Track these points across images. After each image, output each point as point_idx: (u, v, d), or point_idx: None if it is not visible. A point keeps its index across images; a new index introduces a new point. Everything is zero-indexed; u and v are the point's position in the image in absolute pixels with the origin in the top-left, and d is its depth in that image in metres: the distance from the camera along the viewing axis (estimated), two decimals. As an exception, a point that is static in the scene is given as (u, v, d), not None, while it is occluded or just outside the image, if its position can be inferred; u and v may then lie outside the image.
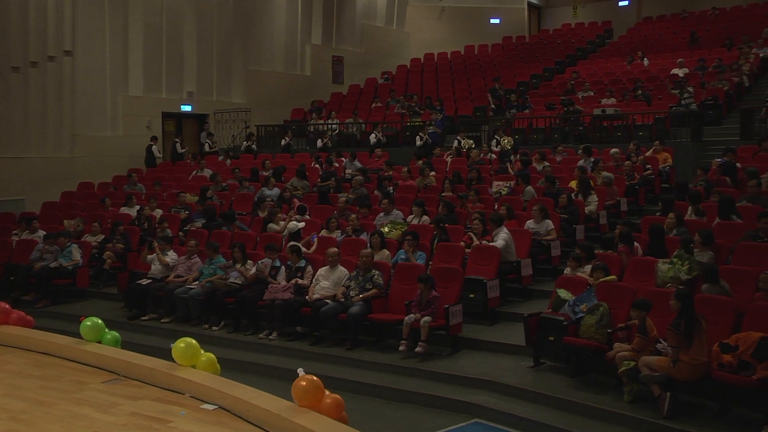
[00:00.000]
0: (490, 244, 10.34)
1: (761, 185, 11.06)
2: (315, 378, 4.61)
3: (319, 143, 19.67)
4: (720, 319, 7.23)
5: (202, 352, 5.57)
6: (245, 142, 20.86)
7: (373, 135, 19.18)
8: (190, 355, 5.47)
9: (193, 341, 5.54)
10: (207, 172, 17.28)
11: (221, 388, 5.00)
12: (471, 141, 17.79)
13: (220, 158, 19.58)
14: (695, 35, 24.53)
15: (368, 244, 10.73)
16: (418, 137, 18.55)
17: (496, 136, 17.41)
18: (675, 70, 20.55)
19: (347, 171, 16.34)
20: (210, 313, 10.86)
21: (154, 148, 19.95)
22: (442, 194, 13.39)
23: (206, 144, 20.79)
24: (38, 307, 12.13)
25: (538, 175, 13.65)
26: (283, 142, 20.38)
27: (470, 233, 10.83)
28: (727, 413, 6.90)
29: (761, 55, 20.66)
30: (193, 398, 5.06)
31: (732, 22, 25.67)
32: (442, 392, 8.18)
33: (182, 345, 5.47)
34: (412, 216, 12.07)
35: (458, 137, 17.78)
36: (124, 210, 14.95)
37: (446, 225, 11.10)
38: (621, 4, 31.91)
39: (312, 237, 11.98)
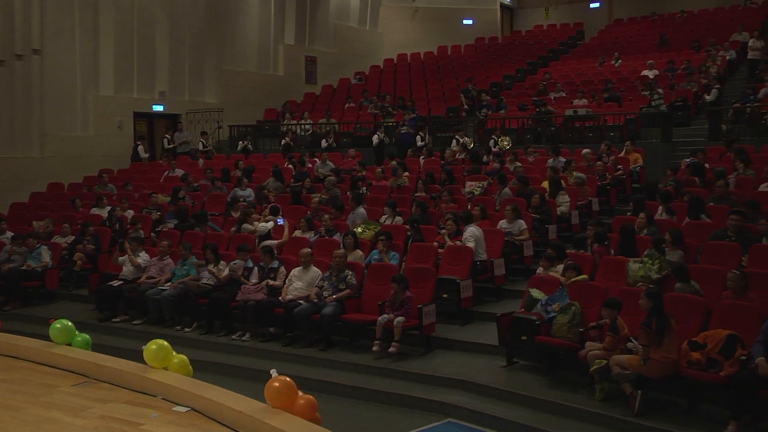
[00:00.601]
0: (461, 244, 10.39)
1: (728, 185, 11.23)
2: (288, 379, 4.59)
3: (324, 143, 19.43)
4: (690, 317, 7.33)
5: (174, 353, 5.52)
6: (241, 142, 20.48)
7: (375, 136, 18.82)
8: (162, 357, 5.41)
9: (165, 343, 5.49)
10: (179, 173, 17.16)
11: (193, 390, 4.95)
12: (469, 139, 17.57)
13: (191, 159, 19.44)
14: (664, 37, 24.85)
15: (341, 245, 10.72)
16: (419, 137, 18.39)
17: (493, 136, 17.28)
18: (645, 72, 20.81)
19: (320, 171, 16.29)
20: (183, 314, 10.80)
21: (140, 148, 19.83)
22: (416, 194, 13.42)
23: (200, 143, 20.60)
24: (7, 310, 11.97)
25: (510, 176, 13.73)
26: (282, 142, 20.05)
27: (443, 233, 10.87)
28: (696, 410, 7.00)
29: (727, 57, 21.00)
30: (165, 400, 5.01)
31: (699, 25, 26.07)
32: (416, 392, 8.20)
33: (154, 347, 5.41)
34: (385, 216, 12.08)
35: (456, 136, 17.47)
36: (94, 211, 14.79)
37: (420, 225, 11.14)
38: (592, 6, 32.24)
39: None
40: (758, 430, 6.47)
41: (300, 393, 4.60)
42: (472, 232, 10.43)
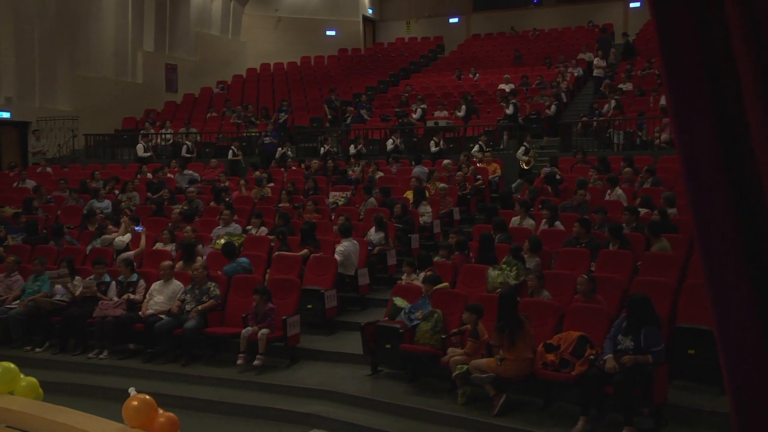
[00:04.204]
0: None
1: (586, 194, 11.84)
2: (147, 397, 4.45)
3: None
4: (544, 320, 7.70)
5: (21, 376, 5.22)
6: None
7: (390, 140, 18.04)
8: (8, 381, 5.11)
9: (11, 365, 5.19)
10: (30, 184, 16.20)
11: (43, 414, 4.70)
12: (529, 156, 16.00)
13: (39, 170, 18.34)
14: (518, 53, 26.02)
15: (203, 257, 10.48)
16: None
17: (525, 144, 16.12)
18: (502, 85, 21.67)
19: (178, 183, 15.84)
20: (33, 333, 10.19)
21: (139, 146, 19.07)
22: (279, 205, 13.33)
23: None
24: None
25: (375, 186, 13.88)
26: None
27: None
28: (550, 408, 7.35)
29: (575, 74, 22.30)
30: (10, 428, 4.73)
31: (550, 43, 27.50)
32: (281, 404, 8.13)
33: (-2, 369, 5.11)
34: (250, 227, 11.93)
35: (525, 143, 16.14)
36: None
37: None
38: (451, 21, 33.22)
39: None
40: (604, 422, 6.90)
41: (160, 411, 4.47)
42: (345, 246, 10.45)
